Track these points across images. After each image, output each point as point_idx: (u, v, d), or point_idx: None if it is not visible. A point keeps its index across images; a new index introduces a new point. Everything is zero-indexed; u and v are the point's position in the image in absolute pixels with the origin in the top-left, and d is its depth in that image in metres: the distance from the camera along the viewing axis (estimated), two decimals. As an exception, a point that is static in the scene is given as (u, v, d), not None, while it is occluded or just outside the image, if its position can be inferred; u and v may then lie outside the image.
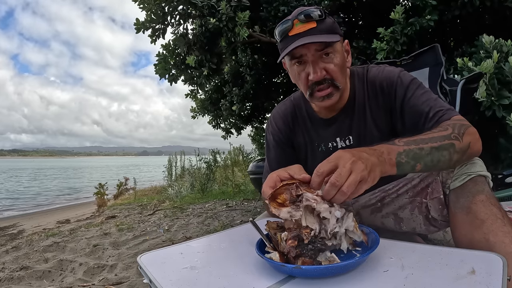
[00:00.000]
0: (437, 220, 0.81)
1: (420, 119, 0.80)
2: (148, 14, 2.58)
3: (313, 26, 0.79)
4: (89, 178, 17.97)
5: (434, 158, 0.67)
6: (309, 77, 0.82)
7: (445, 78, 1.56)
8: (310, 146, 0.98)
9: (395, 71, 0.88)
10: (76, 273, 1.85)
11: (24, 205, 8.10)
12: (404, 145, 0.66)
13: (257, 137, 6.45)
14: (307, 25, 0.79)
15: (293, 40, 0.80)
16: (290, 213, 0.61)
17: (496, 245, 0.64)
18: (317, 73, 0.81)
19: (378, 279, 0.53)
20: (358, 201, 0.96)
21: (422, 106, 0.80)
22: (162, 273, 0.61)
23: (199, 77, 3.01)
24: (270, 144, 1.03)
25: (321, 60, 0.81)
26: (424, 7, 2.01)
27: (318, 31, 0.79)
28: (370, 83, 0.90)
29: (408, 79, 0.85)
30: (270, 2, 2.71)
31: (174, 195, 4.93)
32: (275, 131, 1.02)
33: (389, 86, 0.86)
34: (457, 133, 0.70)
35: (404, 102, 0.83)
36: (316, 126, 0.97)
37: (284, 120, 1.01)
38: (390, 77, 0.87)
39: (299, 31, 0.80)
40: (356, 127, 0.91)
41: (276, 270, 0.58)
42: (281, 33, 0.83)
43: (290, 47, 0.79)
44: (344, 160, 0.58)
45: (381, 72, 0.89)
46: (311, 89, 0.84)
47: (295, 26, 0.80)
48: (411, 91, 0.83)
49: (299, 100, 1.01)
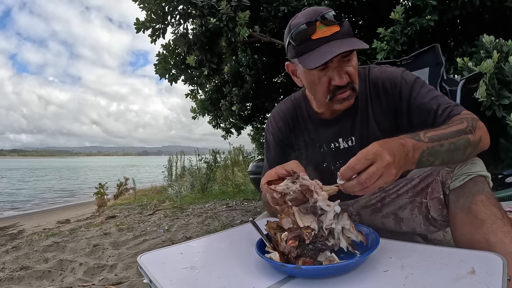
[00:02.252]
0: (437, 220, 0.81)
1: (428, 117, 0.80)
2: (148, 14, 2.58)
3: (338, 30, 0.76)
4: (92, 178, 17.90)
5: (450, 154, 0.69)
6: (332, 82, 0.80)
7: (445, 78, 1.56)
8: (311, 147, 0.97)
9: (397, 71, 0.88)
10: (76, 273, 1.85)
11: (24, 205, 8.10)
12: (429, 142, 0.67)
13: (257, 136, 6.45)
14: (332, 28, 0.76)
15: (318, 44, 0.76)
16: (286, 185, 0.62)
17: (496, 245, 0.64)
18: (342, 78, 0.78)
19: (378, 279, 0.53)
20: (358, 201, 0.96)
21: (430, 104, 0.80)
22: (162, 273, 0.61)
23: (199, 77, 3.01)
24: (270, 144, 1.03)
25: (344, 64, 0.79)
26: (424, 7, 2.01)
27: (342, 35, 0.77)
28: (372, 83, 0.90)
29: (412, 78, 0.85)
30: (270, 2, 2.71)
31: (174, 195, 4.93)
32: (275, 131, 1.01)
33: (393, 86, 0.86)
34: (471, 126, 0.71)
35: (411, 101, 0.83)
36: (317, 126, 0.96)
37: (284, 120, 1.00)
38: (393, 78, 0.86)
39: (324, 35, 0.76)
40: (358, 127, 0.90)
41: (276, 270, 0.58)
42: (300, 35, 0.77)
43: (326, 55, 0.73)
44: (381, 161, 0.59)
45: (383, 72, 0.89)
46: (332, 93, 0.82)
47: (318, 29, 0.76)
48: (416, 90, 0.83)
49: (300, 100, 1.00)
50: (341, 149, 0.92)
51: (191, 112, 4.41)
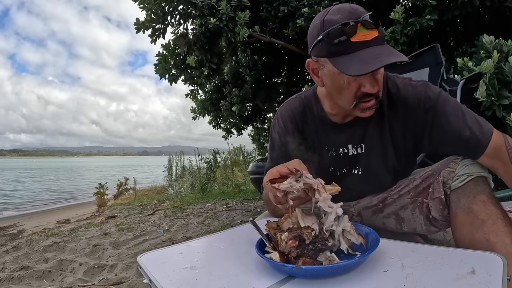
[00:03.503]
0: (438, 220, 0.81)
1: (454, 141, 0.77)
2: (148, 14, 2.59)
3: (376, 35, 0.71)
4: (90, 179, 17.84)
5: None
6: (361, 88, 0.75)
7: (445, 78, 1.56)
8: (318, 149, 0.93)
9: (420, 87, 0.82)
10: (76, 273, 1.85)
11: (24, 205, 8.10)
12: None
13: (257, 137, 6.45)
14: (372, 33, 0.71)
15: (357, 48, 0.71)
16: (290, 184, 0.61)
17: (497, 245, 0.64)
18: (374, 86, 0.75)
19: (378, 279, 0.53)
20: (360, 202, 0.96)
21: (456, 127, 0.76)
22: (162, 273, 0.61)
23: (199, 77, 3.01)
24: (275, 143, 0.98)
25: (376, 72, 0.75)
26: (424, 7, 2.01)
27: (381, 41, 0.73)
28: (394, 94, 0.85)
29: (435, 94, 0.80)
30: (270, 2, 2.71)
31: (174, 195, 4.92)
32: (282, 130, 0.96)
33: (415, 104, 0.81)
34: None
35: (434, 124, 0.79)
36: (327, 129, 0.92)
37: (292, 120, 0.95)
38: (416, 94, 0.81)
39: (365, 39, 0.70)
40: (369, 137, 0.87)
41: (276, 270, 0.58)
42: (338, 34, 0.71)
43: (372, 63, 0.68)
44: None
45: (405, 86, 0.84)
46: (358, 99, 0.77)
47: (358, 31, 0.70)
48: (440, 109, 0.78)
49: (311, 99, 0.95)
50: (350, 155, 0.89)
51: (191, 112, 4.41)
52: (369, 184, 0.92)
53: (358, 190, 0.94)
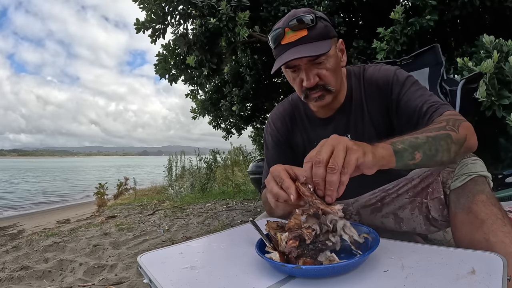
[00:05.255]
0: (437, 220, 0.81)
1: (414, 114, 0.81)
2: (148, 14, 2.58)
3: (304, 35, 0.79)
4: (90, 180, 17.79)
5: (432, 147, 0.66)
6: (302, 83, 0.84)
7: (445, 78, 1.56)
8: (308, 146, 0.99)
9: (391, 69, 0.89)
10: (76, 273, 1.85)
11: (24, 205, 8.10)
12: (397, 137, 0.67)
13: (258, 137, 6.45)
14: (298, 34, 0.80)
15: (285, 49, 0.81)
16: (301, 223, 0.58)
17: (497, 245, 0.64)
18: (310, 80, 0.83)
19: (378, 279, 0.52)
20: (358, 201, 0.96)
21: (415, 102, 0.81)
22: (162, 273, 0.61)
23: (199, 77, 3.01)
24: (269, 145, 1.05)
25: (314, 67, 0.83)
26: (424, 7, 2.01)
27: (309, 39, 0.80)
28: (367, 81, 0.91)
29: (404, 75, 0.87)
30: (270, 2, 2.71)
31: (174, 195, 4.93)
32: (274, 132, 1.03)
33: (385, 83, 0.88)
34: (451, 125, 0.71)
35: (399, 98, 0.85)
36: (314, 125, 0.98)
37: (282, 121, 1.03)
38: (386, 75, 0.88)
39: (290, 40, 0.80)
40: (353, 125, 0.93)
41: (276, 270, 0.58)
42: (273, 40, 0.84)
43: (282, 59, 0.81)
44: (340, 142, 0.59)
45: (378, 70, 0.91)
46: (305, 93, 0.87)
47: (286, 35, 0.81)
48: (406, 87, 0.85)
49: (297, 100, 1.02)
50: None
51: (191, 112, 4.41)
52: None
53: (353, 180, 0.94)
